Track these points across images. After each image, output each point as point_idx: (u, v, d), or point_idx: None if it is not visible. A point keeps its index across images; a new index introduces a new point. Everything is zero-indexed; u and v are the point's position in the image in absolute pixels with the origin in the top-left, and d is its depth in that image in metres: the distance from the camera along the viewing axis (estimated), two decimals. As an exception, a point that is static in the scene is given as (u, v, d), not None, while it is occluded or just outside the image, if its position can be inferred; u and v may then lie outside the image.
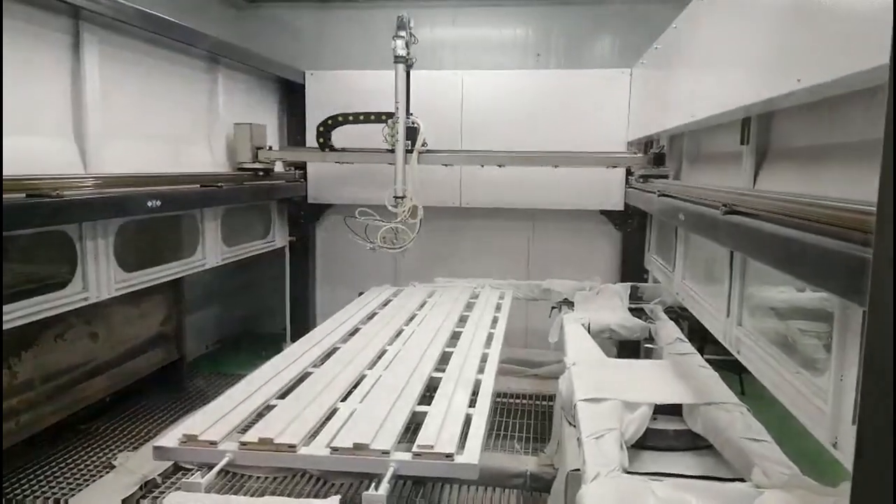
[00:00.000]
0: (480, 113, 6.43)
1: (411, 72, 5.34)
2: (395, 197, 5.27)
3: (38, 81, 3.70)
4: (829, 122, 2.32)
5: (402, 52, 5.13)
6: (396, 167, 5.30)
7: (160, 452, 2.45)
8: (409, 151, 5.30)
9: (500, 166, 5.93)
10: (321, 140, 5.71)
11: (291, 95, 6.78)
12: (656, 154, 5.16)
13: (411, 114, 5.33)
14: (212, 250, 5.31)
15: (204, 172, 5.17)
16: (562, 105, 6.33)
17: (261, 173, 5.83)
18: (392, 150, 5.34)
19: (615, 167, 6.11)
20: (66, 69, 3.89)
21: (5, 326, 3.29)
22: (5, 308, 3.30)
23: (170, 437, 2.47)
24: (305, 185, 6.67)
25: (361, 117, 5.57)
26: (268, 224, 6.57)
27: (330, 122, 5.68)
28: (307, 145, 6.43)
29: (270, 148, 5.93)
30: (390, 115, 5.28)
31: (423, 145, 5.34)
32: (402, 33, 5.15)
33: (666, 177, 4.96)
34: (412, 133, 5.31)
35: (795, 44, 2.10)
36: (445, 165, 5.98)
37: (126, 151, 4.37)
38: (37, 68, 3.68)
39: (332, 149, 5.75)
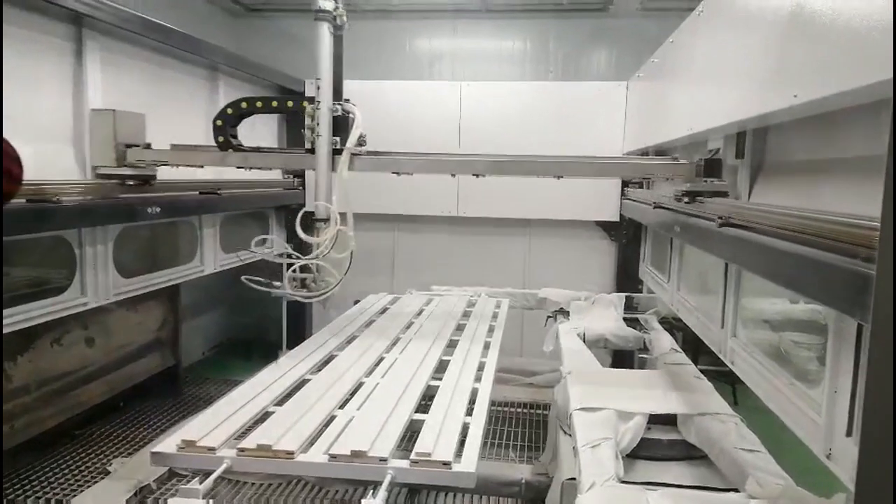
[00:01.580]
0: (478, 123, 6.48)
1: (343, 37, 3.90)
2: (315, 219, 3.69)
3: (40, 87, 3.72)
4: (825, 138, 2.35)
5: (326, 4, 3.65)
6: (317, 175, 3.70)
7: (158, 458, 2.45)
8: (336, 152, 3.69)
9: (476, 175, 4.23)
10: (221, 138, 3.87)
11: (291, 103, 6.79)
12: (708, 161, 3.44)
13: (347, 99, 3.75)
14: (210, 257, 5.33)
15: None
16: (559, 116, 6.39)
17: (131, 182, 4.03)
18: (311, 151, 3.68)
19: (646, 178, 5.16)
20: (69, 75, 3.91)
21: (5, 330, 3.29)
22: (4, 312, 3.31)
23: (167, 443, 2.47)
24: (304, 192, 6.69)
25: (274, 103, 4.06)
26: (266, 231, 6.58)
27: (230, 110, 3.87)
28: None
29: (149, 146, 4.16)
30: (311, 99, 3.69)
31: (359, 144, 3.71)
32: None
33: (724, 194, 3.29)
34: (341, 126, 3.70)
35: (792, 60, 2.14)
36: (397, 174, 4.17)
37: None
38: (39, 74, 3.70)
39: (237, 148, 3.93)
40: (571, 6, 6.77)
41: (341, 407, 2.87)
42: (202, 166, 4.14)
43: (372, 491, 2.20)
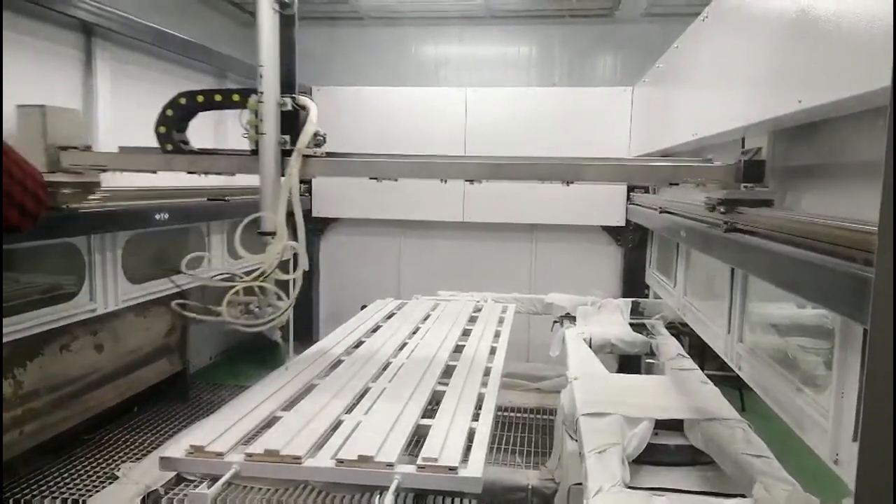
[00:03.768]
0: (484, 129, 6.50)
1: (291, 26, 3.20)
2: (260, 233, 3.08)
3: (50, 96, 3.76)
4: (830, 142, 2.35)
5: None
6: (262, 179, 3.07)
7: (166, 463, 2.47)
8: (285, 153, 3.06)
9: (469, 181, 3.64)
10: (165, 138, 3.32)
11: (298, 111, 6.83)
12: (749, 163, 2.82)
13: (303, 92, 3.21)
14: (218, 263, 5.36)
15: None
16: (564, 122, 6.40)
17: (66, 190, 3.35)
18: (255, 152, 3.08)
19: (674, 184, 4.00)
20: (78, 83, 3.95)
21: (15, 337, 3.33)
22: (14, 319, 3.35)
23: (176, 448, 2.49)
24: (310, 199, 6.72)
25: (218, 97, 3.32)
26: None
27: (170, 111, 3.31)
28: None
29: (88, 148, 3.56)
30: (256, 91, 3.04)
31: (315, 144, 3.10)
32: None
33: (769, 203, 2.69)
34: (291, 122, 3.07)
35: (796, 65, 2.14)
36: (375, 179, 3.35)
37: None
38: (49, 83, 3.74)
39: (181, 150, 3.35)
40: (576, 12, 6.79)
41: (348, 412, 2.88)
42: (155, 172, 3.54)
43: (379, 496, 2.22)
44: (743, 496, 2.32)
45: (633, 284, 6.41)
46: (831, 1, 1.87)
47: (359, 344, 4.12)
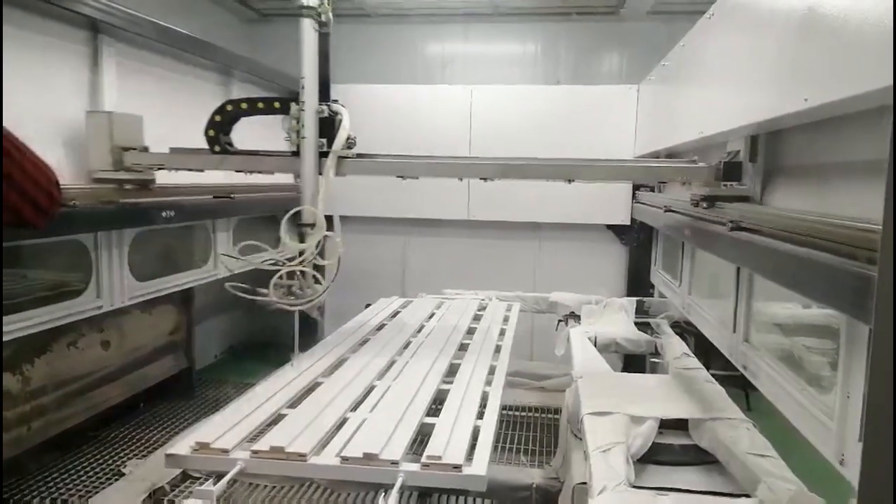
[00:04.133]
0: (489, 126, 6.49)
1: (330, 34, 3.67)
2: (300, 224, 3.53)
3: (57, 92, 3.78)
4: (837, 141, 2.35)
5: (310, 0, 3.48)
6: (303, 178, 3.54)
7: (172, 460, 2.48)
8: (322, 154, 3.56)
9: (484, 179, 3.99)
10: (213, 141, 3.84)
11: (303, 108, 6.85)
12: (728, 164, 3.22)
13: (335, 100, 3.62)
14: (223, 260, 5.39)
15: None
16: (569, 120, 6.39)
17: (128, 186, 3.93)
18: (296, 153, 3.55)
19: (662, 182, 5.18)
20: (85, 80, 3.97)
21: (24, 333, 3.35)
22: (24, 315, 3.37)
23: (182, 445, 2.50)
24: (317, 196, 6.73)
25: (260, 105, 3.78)
26: (278, 235, 6.62)
27: (218, 117, 3.82)
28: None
29: (146, 149, 4.03)
30: (297, 100, 3.53)
31: (347, 147, 3.60)
32: None
33: (746, 199, 3.10)
34: (327, 128, 3.55)
35: (802, 63, 2.14)
36: (402, 178, 3.95)
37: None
38: (56, 79, 3.76)
39: (228, 151, 3.86)
40: (582, 10, 6.78)
41: (353, 410, 2.89)
42: (202, 170, 4.06)
43: (383, 494, 2.22)
44: (748, 496, 2.31)
45: (638, 283, 6.39)
46: (838, -2, 1.86)
47: (363, 342, 4.13)
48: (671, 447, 2.80)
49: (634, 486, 2.36)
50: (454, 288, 5.91)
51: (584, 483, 2.64)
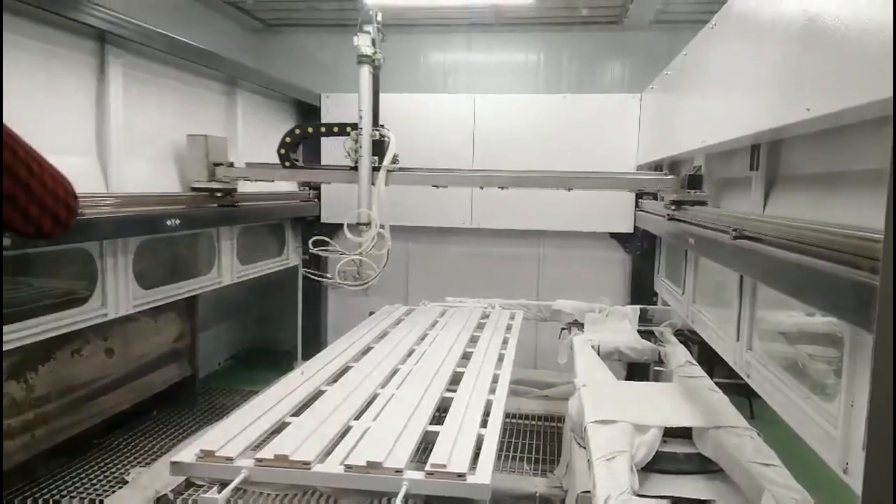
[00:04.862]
0: (492, 136, 6.51)
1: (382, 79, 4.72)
2: (358, 223, 4.49)
3: (64, 101, 3.81)
4: (839, 150, 2.36)
5: (367, 50, 4.41)
6: (360, 188, 4.56)
7: (177, 468, 2.48)
8: (375, 169, 4.58)
9: (501, 188, 5.11)
10: (287, 163, 4.95)
11: (308, 117, 6.91)
12: (692, 176, 4.23)
13: (382, 125, 4.64)
14: (227, 268, 5.40)
15: (162, 194, 4.46)
16: (572, 129, 6.41)
17: (219, 194, 4.84)
18: (355, 168, 4.61)
19: (642, 191, 5.79)
20: (92, 90, 4.00)
21: (29, 341, 3.37)
22: (29, 322, 3.39)
23: (186, 453, 2.51)
24: (319, 204, 6.76)
25: (322, 129, 4.89)
26: (282, 243, 6.65)
27: (288, 139, 4.91)
28: (322, 163, 6.53)
29: (232, 164, 5.01)
30: (355, 126, 4.59)
31: (393, 162, 4.62)
32: (368, 29, 4.43)
33: (703, 203, 4.09)
34: (379, 147, 4.57)
35: (805, 73, 2.15)
36: (437, 187, 5.10)
37: (146, 171, 4.47)
38: (63, 89, 3.79)
39: (295, 165, 5.01)
40: (584, 20, 6.81)
41: (357, 418, 2.89)
42: (272, 181, 5.29)
43: (387, 502, 2.23)
44: (752, 505, 2.31)
45: (642, 291, 6.39)
46: (840, 9, 1.88)
47: (367, 350, 4.14)
48: (675, 456, 2.80)
49: (638, 495, 2.36)
50: (457, 296, 5.92)
51: (588, 492, 2.64)
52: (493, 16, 6.94)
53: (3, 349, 3.24)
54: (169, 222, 4.09)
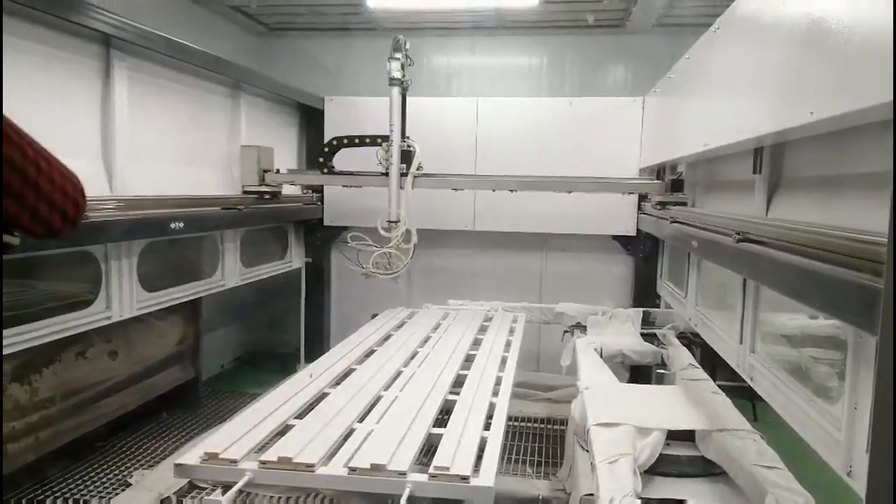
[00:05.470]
0: (495, 138, 6.52)
1: (408, 96, 5.30)
2: (389, 221, 5.20)
3: (69, 105, 3.83)
4: (842, 154, 2.36)
5: (397, 74, 5.08)
6: (390, 191, 5.23)
7: (181, 470, 2.49)
8: (403, 175, 5.22)
9: (512, 191, 5.71)
10: (322, 165, 5.66)
11: (311, 120, 6.92)
12: (674, 180, 4.99)
13: (407, 137, 5.26)
14: (231, 271, 5.42)
15: (215, 196, 5.13)
16: (575, 132, 6.41)
17: (267, 196, 5.68)
18: (386, 174, 5.28)
19: (631, 193, 6.08)
20: (97, 93, 4.02)
21: (34, 343, 3.38)
22: (34, 325, 3.40)
23: (190, 455, 2.52)
24: (322, 207, 6.77)
25: (357, 140, 5.49)
26: (285, 246, 6.67)
27: (327, 148, 5.63)
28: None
29: (278, 171, 5.81)
30: (386, 138, 5.23)
31: (418, 169, 5.27)
32: (398, 55, 5.09)
33: (684, 203, 4.80)
34: (407, 156, 5.24)
35: (808, 76, 2.15)
36: (456, 190, 5.81)
37: (150, 174, 4.49)
38: (69, 92, 3.81)
39: (332, 172, 5.67)
40: (587, 23, 6.82)
41: (360, 420, 2.90)
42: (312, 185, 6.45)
43: (391, 504, 2.23)
44: (755, 508, 2.31)
45: (645, 294, 6.38)
46: (844, 12, 1.88)
47: (370, 353, 4.14)
48: (678, 458, 2.80)
49: (641, 498, 2.37)
50: (460, 299, 5.93)
51: (591, 495, 2.64)
52: (496, 19, 6.95)
53: (9, 352, 3.25)
54: (173, 225, 4.10)
